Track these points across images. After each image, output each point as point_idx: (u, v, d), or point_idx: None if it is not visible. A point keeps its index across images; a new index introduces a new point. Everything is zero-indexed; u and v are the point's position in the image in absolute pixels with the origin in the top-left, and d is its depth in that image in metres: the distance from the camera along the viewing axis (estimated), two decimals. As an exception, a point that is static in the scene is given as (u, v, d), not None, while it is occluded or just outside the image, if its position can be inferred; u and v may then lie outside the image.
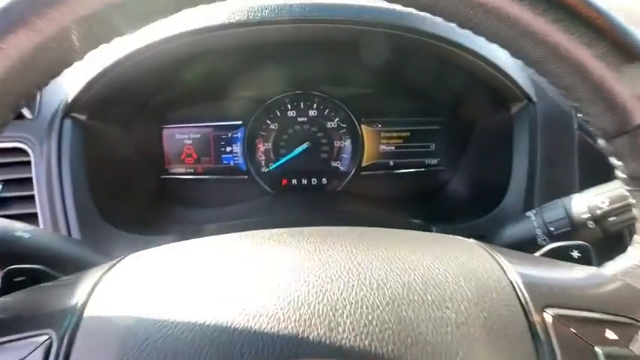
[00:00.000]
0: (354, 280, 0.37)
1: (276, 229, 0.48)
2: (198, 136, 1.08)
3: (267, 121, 1.08)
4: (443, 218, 0.93)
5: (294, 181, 1.10)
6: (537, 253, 0.54)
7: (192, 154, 1.08)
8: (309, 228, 0.49)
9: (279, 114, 1.08)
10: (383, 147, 1.10)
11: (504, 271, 0.41)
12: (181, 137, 1.08)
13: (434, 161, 1.11)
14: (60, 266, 0.56)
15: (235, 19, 0.73)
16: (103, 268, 0.42)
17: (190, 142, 1.08)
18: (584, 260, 0.50)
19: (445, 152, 1.10)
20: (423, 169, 1.10)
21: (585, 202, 0.60)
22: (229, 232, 0.44)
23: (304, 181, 1.10)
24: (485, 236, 0.80)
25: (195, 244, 0.47)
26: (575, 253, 0.49)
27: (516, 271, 0.41)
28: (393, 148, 1.10)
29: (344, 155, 1.10)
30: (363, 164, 1.10)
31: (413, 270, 0.39)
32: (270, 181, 1.09)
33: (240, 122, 1.07)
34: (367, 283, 0.37)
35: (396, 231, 0.50)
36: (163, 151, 1.08)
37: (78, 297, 0.38)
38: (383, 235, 0.48)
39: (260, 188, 1.08)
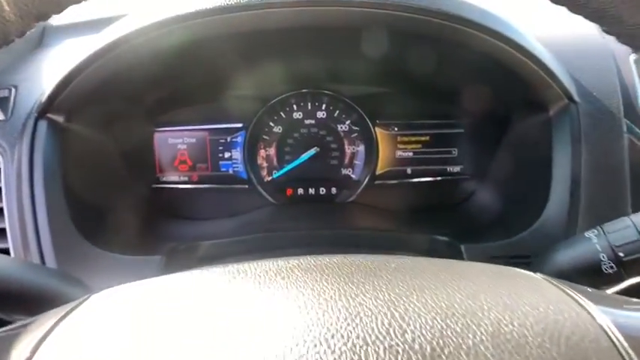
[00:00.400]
0: (398, 343, 0.26)
1: (283, 260, 0.37)
2: (194, 140, 1.00)
3: (271, 124, 1.00)
4: (471, 234, 0.82)
5: (301, 191, 1.01)
6: (614, 289, 0.43)
7: (187, 160, 1.01)
8: (326, 258, 0.38)
9: (283, 115, 1.00)
10: (400, 153, 1.02)
11: (599, 325, 0.30)
12: (174, 142, 1.00)
13: (457, 169, 1.02)
14: (14, 305, 0.45)
15: (234, 2, 0.62)
16: (58, 314, 0.33)
17: (184, 146, 1.00)
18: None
19: (470, 159, 1.01)
20: (444, 178, 1.02)
21: (663, 222, 0.49)
22: (226, 250, 0.35)
23: (311, 191, 1.01)
24: (529, 257, 0.72)
25: (178, 281, 0.37)
26: (671, 291, 0.38)
27: (614, 323, 0.30)
28: (410, 154, 1.02)
29: (356, 162, 1.01)
30: (378, 172, 1.01)
31: (478, 326, 0.28)
32: (274, 191, 1.01)
33: (240, 125, 1.00)
34: (417, 348, 0.26)
35: (439, 262, 0.39)
36: (154, 158, 1.00)
37: (19, 354, 0.29)
38: (425, 268, 0.37)
39: (262, 199, 1.00)
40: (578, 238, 0.55)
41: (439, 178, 1.01)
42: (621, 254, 0.50)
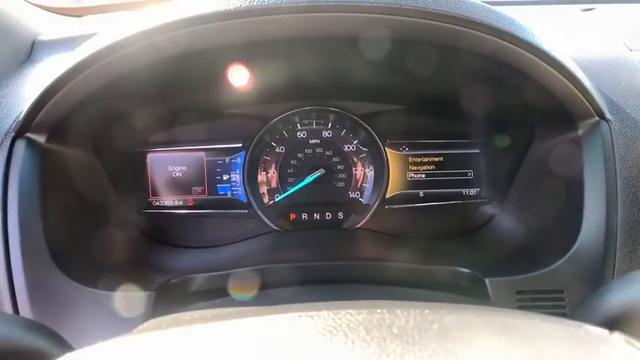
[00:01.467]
0: None
1: (295, 319, 0.29)
2: (189, 161, 0.95)
3: (272, 144, 0.95)
4: (492, 265, 0.74)
5: (305, 216, 0.96)
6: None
7: (182, 183, 0.96)
8: (345, 310, 0.30)
9: (286, 134, 0.95)
10: (411, 174, 0.96)
11: None
12: (168, 163, 0.95)
13: (473, 192, 0.96)
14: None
15: (232, 7, 0.55)
16: None
17: (179, 168, 0.95)
18: None
19: (487, 181, 0.95)
20: (460, 202, 0.96)
21: None
22: (224, 284, 0.28)
23: (317, 216, 0.96)
24: (562, 292, 0.66)
25: (157, 345, 0.29)
26: None
27: None
28: (423, 175, 0.97)
29: (365, 184, 0.96)
30: (388, 195, 0.96)
31: None
32: (276, 216, 0.95)
33: (239, 145, 0.94)
34: None
35: (493, 320, 0.31)
36: (146, 180, 0.94)
37: None
38: (473, 330, 0.29)
39: (263, 225, 0.94)
40: (636, 277, 0.47)
41: (454, 202, 0.95)
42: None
